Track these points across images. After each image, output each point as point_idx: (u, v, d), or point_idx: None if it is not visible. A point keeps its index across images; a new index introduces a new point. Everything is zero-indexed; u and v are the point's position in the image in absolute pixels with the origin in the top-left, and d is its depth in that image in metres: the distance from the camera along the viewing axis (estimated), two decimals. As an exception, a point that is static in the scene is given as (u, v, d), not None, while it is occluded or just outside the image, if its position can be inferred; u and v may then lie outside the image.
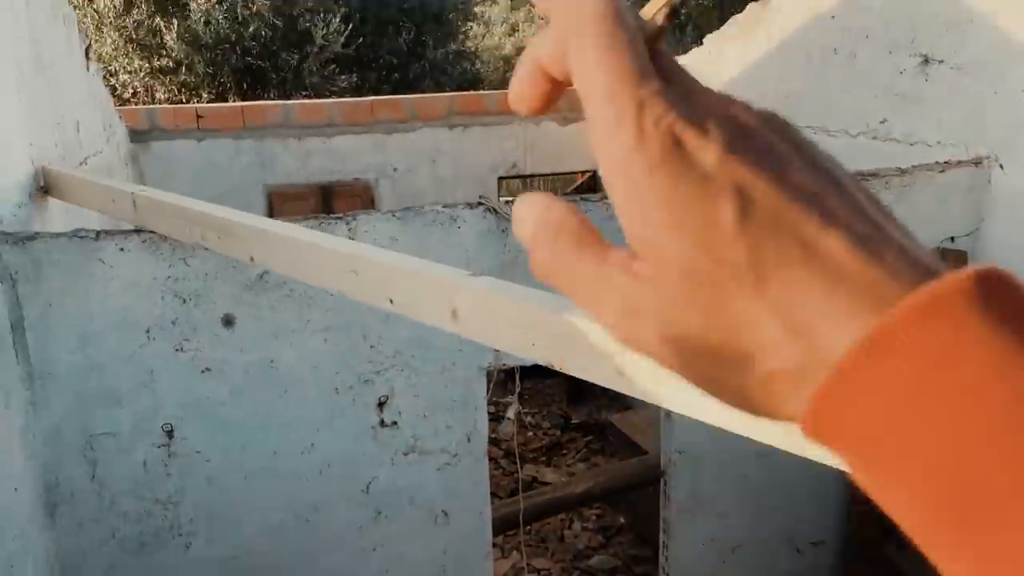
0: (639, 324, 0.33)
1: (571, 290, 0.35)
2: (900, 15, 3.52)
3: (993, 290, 0.27)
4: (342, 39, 8.41)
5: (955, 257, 3.19)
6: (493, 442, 4.95)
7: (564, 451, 5.84)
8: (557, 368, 1.55)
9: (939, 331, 0.27)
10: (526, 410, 6.09)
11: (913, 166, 3.14)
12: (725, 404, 0.33)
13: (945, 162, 3.17)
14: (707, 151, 0.31)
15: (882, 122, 3.61)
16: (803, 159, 0.32)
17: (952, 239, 3.20)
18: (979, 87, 3.17)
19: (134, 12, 7.77)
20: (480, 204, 2.90)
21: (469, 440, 3.08)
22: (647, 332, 0.33)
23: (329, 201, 6.59)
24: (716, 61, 4.87)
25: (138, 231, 2.59)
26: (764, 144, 0.32)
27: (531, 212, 0.37)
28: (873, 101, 3.67)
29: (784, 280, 0.29)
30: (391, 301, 1.84)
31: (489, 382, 3.23)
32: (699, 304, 0.31)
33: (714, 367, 0.32)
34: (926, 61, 3.37)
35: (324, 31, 8.33)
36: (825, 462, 1.17)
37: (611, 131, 0.32)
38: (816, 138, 3.08)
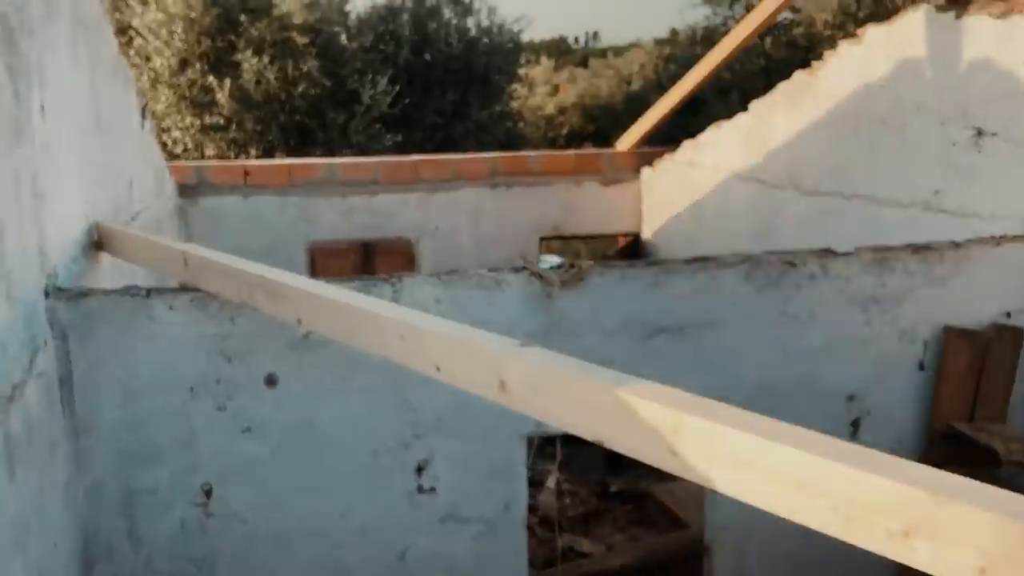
0: None
1: None
2: (952, 87, 3.49)
3: None
4: (388, 99, 8.59)
5: (1012, 333, 3.11)
6: (529, 509, 4.86)
7: (602, 521, 5.70)
8: (607, 447, 1.51)
9: None
10: (563, 477, 5.98)
11: (968, 240, 3.07)
12: None
13: (1001, 236, 3.10)
14: None
15: (935, 194, 3.56)
16: None
17: (1008, 315, 3.12)
18: (1035, 160, 3.12)
19: (188, 71, 8.03)
20: (525, 268, 2.89)
21: (507, 508, 3.02)
22: None
23: (371, 257, 6.65)
24: (762, 128, 4.87)
25: (187, 290, 2.62)
26: None
27: None
28: (925, 173, 3.62)
29: None
30: (438, 368, 1.82)
31: (529, 449, 3.18)
32: None
33: None
34: (979, 133, 3.32)
35: (371, 91, 8.51)
36: (871, 548, 1.11)
37: None
38: (867, 209, 3.05)
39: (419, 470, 2.90)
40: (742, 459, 1.27)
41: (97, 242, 3.10)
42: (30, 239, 2.33)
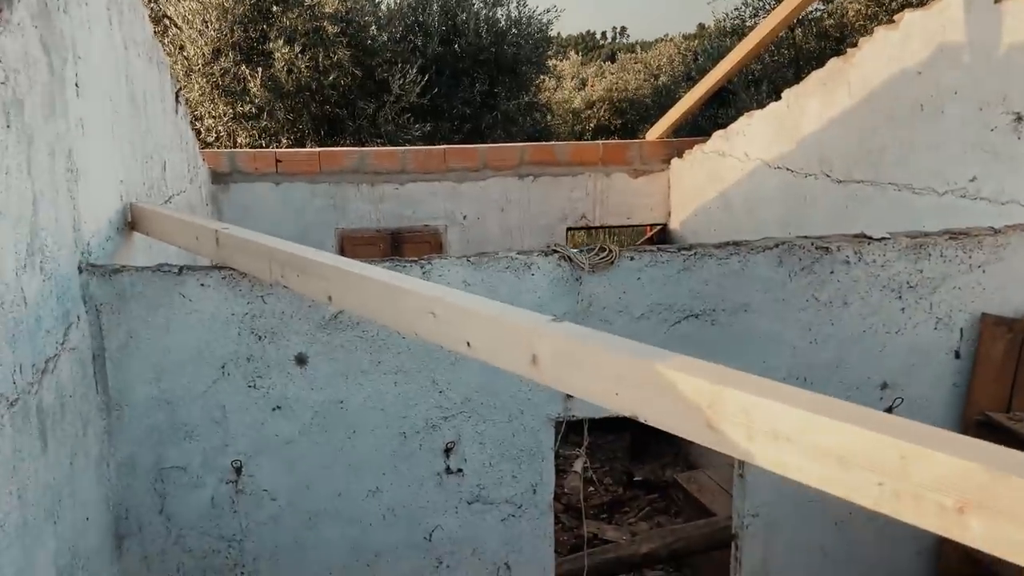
0: None
1: None
2: (991, 71, 3.42)
3: None
4: (417, 89, 8.60)
5: (1051, 322, 3.04)
6: (555, 495, 4.86)
7: (626, 508, 5.69)
8: (642, 420, 1.49)
9: None
10: (587, 464, 5.97)
11: (1007, 226, 3.01)
12: None
13: (1041, 223, 3.04)
14: None
15: (972, 180, 3.49)
16: None
17: (1048, 303, 3.05)
18: (1078, 146, 3.04)
19: (221, 60, 8.08)
20: (555, 251, 2.87)
21: (535, 492, 3.01)
22: None
23: (399, 246, 6.67)
24: (796, 115, 4.80)
25: (219, 267, 2.63)
26: None
27: None
28: (962, 159, 3.55)
29: None
30: (468, 344, 1.81)
31: (557, 433, 3.17)
32: None
33: None
34: (1019, 119, 3.25)
35: (401, 81, 8.52)
36: (922, 524, 1.07)
37: None
38: (900, 196, 2.98)
39: (447, 451, 2.90)
40: (782, 433, 1.25)
41: (131, 222, 3.12)
42: (64, 214, 2.36)
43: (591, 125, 15.60)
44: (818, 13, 9.81)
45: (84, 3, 2.72)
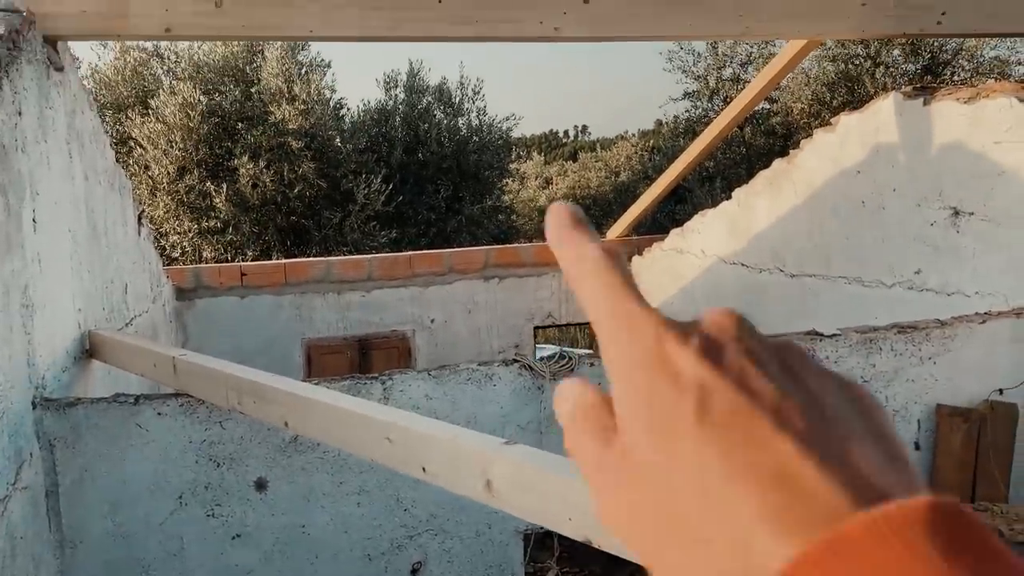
0: (612, 501, 0.35)
1: (580, 465, 0.38)
2: (926, 169, 3.58)
3: (947, 522, 0.27)
4: (383, 198, 8.74)
5: (1006, 410, 3.09)
6: (532, 605, 4.73)
7: (606, 615, 5.54)
8: (595, 545, 1.49)
9: (883, 555, 0.27)
10: (565, 569, 5.84)
11: (953, 317, 3.09)
12: None
13: (986, 313, 3.12)
14: (682, 352, 0.34)
15: (916, 273, 3.60)
16: (785, 375, 0.34)
17: (1001, 391, 3.11)
18: (1014, 238, 3.16)
19: (186, 178, 8.19)
20: (515, 361, 2.90)
21: (506, 609, 2.95)
22: (616, 509, 0.35)
23: (367, 353, 6.66)
24: (747, 213, 4.95)
25: (176, 395, 2.62)
26: (739, 350, 0.34)
27: (570, 394, 0.40)
28: (906, 252, 3.67)
29: (729, 476, 0.30)
30: (424, 470, 1.81)
31: (527, 544, 3.12)
32: (655, 492, 0.33)
33: (663, 557, 0.33)
34: (956, 213, 3.39)
35: (366, 190, 8.67)
36: None
37: (611, 339, 0.36)
38: (851, 289, 3.06)
39: (414, 572, 2.84)
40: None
41: (89, 350, 3.11)
42: (18, 351, 2.35)
43: (556, 223, 15.81)
44: (765, 111, 10.22)
45: (43, 140, 2.78)
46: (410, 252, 7.08)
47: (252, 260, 8.18)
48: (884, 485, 0.30)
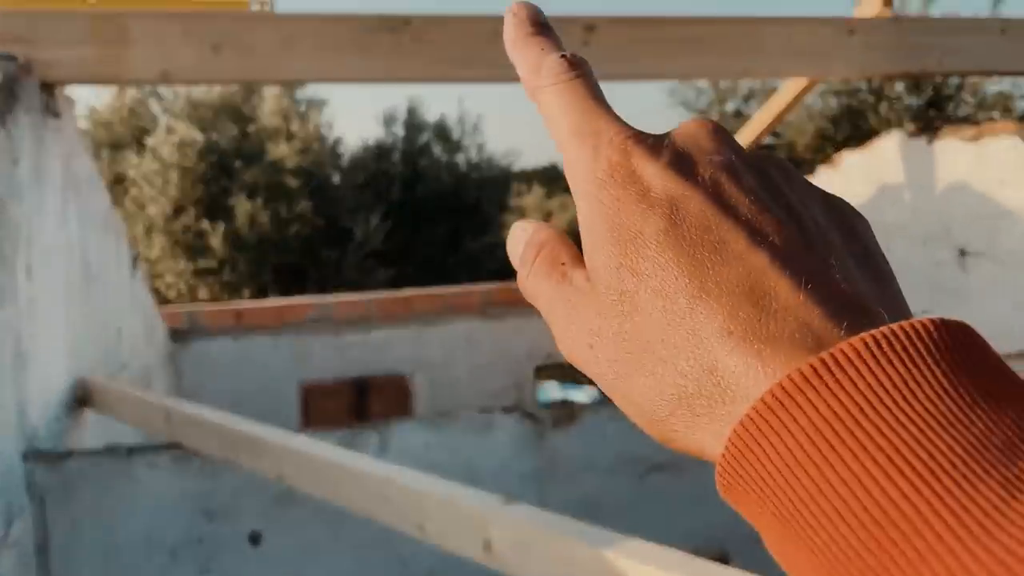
0: (573, 332, 0.33)
1: (538, 305, 0.36)
2: (931, 208, 3.55)
3: (957, 341, 0.25)
4: (381, 235, 8.73)
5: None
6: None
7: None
8: (602, 613, 1.43)
9: (882, 377, 0.24)
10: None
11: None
12: (637, 423, 0.32)
13: (994, 355, 3.08)
14: (651, 166, 0.31)
15: (923, 313, 3.56)
16: (763, 188, 0.31)
17: (1012, 434, 3.05)
18: (1021, 278, 3.12)
19: (183, 217, 8.18)
20: (516, 409, 2.84)
21: (508, 665, 2.85)
22: (577, 341, 0.33)
23: (364, 395, 6.58)
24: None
25: (169, 446, 2.55)
26: (714, 162, 0.31)
27: (523, 234, 0.38)
28: (912, 292, 3.62)
29: (696, 294, 0.28)
30: (422, 528, 1.75)
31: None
32: (619, 316, 0.31)
33: (628, 383, 0.31)
34: (963, 253, 3.35)
35: (364, 228, 8.66)
36: None
37: (575, 157, 0.33)
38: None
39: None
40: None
41: (81, 398, 3.05)
42: (9, 402, 2.29)
43: (557, 257, 15.86)
44: (769, 145, 10.26)
45: (38, 187, 2.75)
46: (409, 291, 7.04)
47: (248, 299, 8.13)
48: (869, 304, 0.28)
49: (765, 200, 0.30)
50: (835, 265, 0.29)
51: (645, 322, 0.29)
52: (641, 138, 0.32)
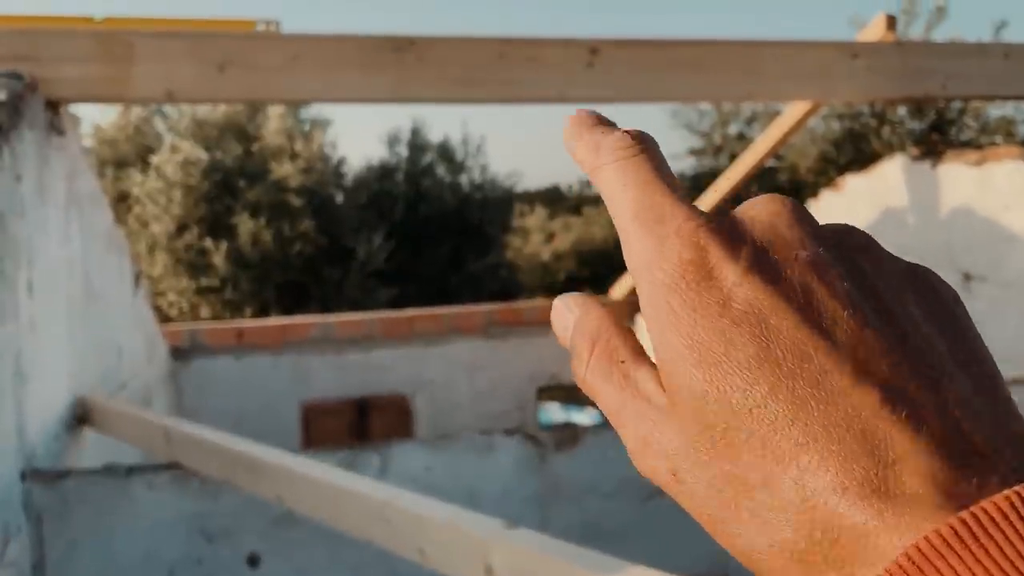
0: (652, 454, 0.29)
1: (601, 406, 0.32)
2: (935, 232, 3.54)
3: None
4: (384, 255, 8.73)
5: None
6: None
7: None
8: (604, 642, 1.41)
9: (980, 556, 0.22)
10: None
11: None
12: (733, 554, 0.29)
13: (1000, 380, 3.06)
14: (730, 269, 0.27)
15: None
16: (856, 287, 0.28)
17: (1018, 460, 3.03)
18: (1025, 303, 3.11)
19: (185, 235, 8.18)
20: (518, 431, 2.82)
21: None
22: (659, 465, 0.29)
23: (365, 415, 6.55)
24: (750, 274, 4.91)
25: (168, 467, 2.53)
26: (801, 261, 0.28)
27: (570, 316, 0.34)
28: (916, 316, 3.61)
29: (803, 441, 0.25)
30: (422, 552, 1.73)
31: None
32: (708, 451, 0.27)
33: (723, 524, 0.28)
34: (967, 278, 3.34)
35: (367, 247, 8.66)
36: None
37: (638, 246, 0.30)
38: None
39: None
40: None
41: (80, 416, 3.03)
42: (8, 421, 2.28)
43: (561, 277, 15.87)
44: (772, 168, 10.28)
45: (41, 205, 2.75)
46: (410, 311, 7.03)
47: (250, 318, 8.12)
48: (991, 441, 0.25)
49: (862, 308, 0.27)
50: (949, 389, 0.26)
51: (741, 462, 0.26)
52: (714, 229, 0.28)
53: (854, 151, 9.15)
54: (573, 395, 10.45)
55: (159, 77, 3.08)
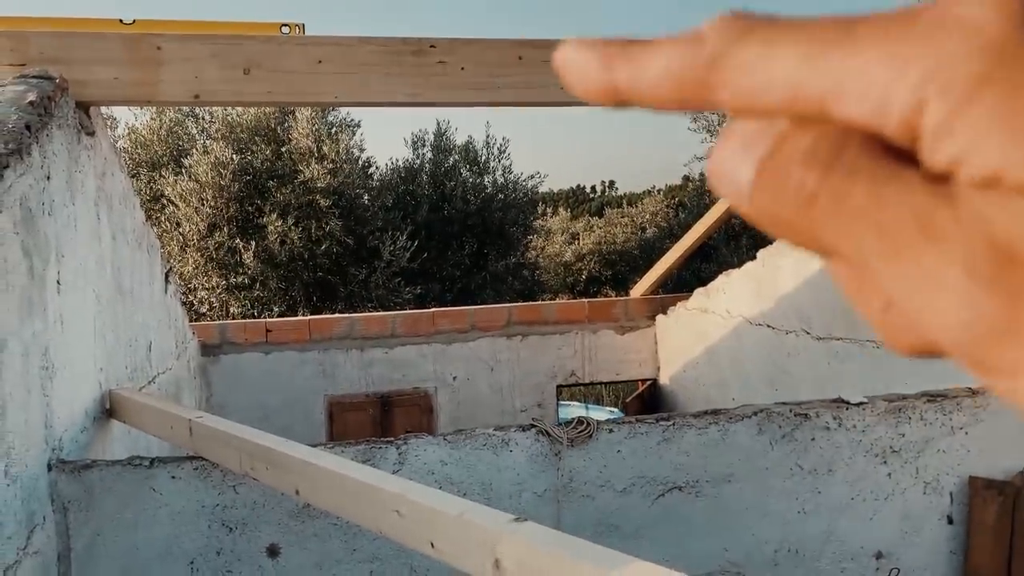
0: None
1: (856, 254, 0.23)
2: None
3: None
4: (408, 254, 8.80)
5: (1042, 482, 2.98)
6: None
7: None
8: (604, 631, 1.44)
9: None
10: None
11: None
12: None
13: (1018, 381, 3.03)
14: None
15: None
16: None
17: (1036, 462, 3.00)
18: None
19: (216, 234, 8.32)
20: (532, 426, 2.85)
21: None
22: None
23: (388, 410, 6.63)
24: (771, 274, 4.90)
25: (191, 458, 2.60)
26: None
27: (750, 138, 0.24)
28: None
29: None
30: (432, 545, 1.77)
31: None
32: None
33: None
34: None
35: (391, 247, 8.74)
36: None
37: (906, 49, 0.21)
38: (879, 352, 2.96)
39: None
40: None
41: (109, 409, 3.12)
42: (36, 414, 2.35)
43: (583, 277, 15.90)
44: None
45: (71, 203, 2.83)
46: (433, 309, 7.09)
47: (278, 316, 8.24)
48: None
49: None
50: None
51: None
52: None
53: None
54: (593, 393, 10.45)
55: (186, 80, 3.16)
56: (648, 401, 6.96)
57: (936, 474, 2.96)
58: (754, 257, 5.24)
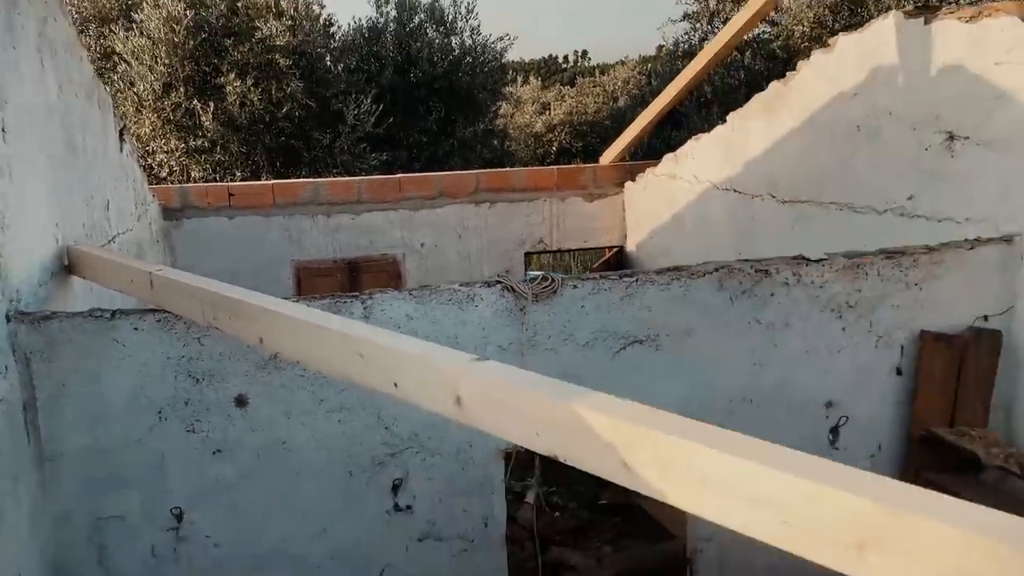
0: None
1: None
2: (923, 92, 3.49)
3: None
4: (372, 119, 8.59)
5: (990, 337, 3.09)
6: (518, 523, 4.82)
7: (592, 533, 5.65)
8: (562, 460, 1.48)
9: None
10: (552, 490, 5.94)
11: (942, 244, 3.06)
12: None
13: (975, 239, 3.09)
14: None
15: (909, 199, 3.55)
16: None
17: (986, 318, 3.10)
18: (1008, 163, 3.10)
19: (172, 95, 8.02)
20: (498, 282, 2.86)
21: (486, 525, 2.99)
22: None
23: (356, 276, 6.63)
24: (741, 138, 4.86)
25: (153, 311, 2.59)
26: None
27: None
28: (899, 178, 3.61)
29: None
30: (396, 385, 1.79)
31: (508, 463, 3.14)
32: None
33: None
34: (951, 138, 3.32)
35: (356, 111, 8.51)
36: (825, 562, 1.08)
37: None
38: (842, 215, 3.01)
39: (395, 489, 2.87)
40: (693, 473, 1.24)
41: (68, 265, 3.07)
42: (-10, 263, 2.30)
43: (553, 148, 15.72)
44: (766, 35, 9.99)
45: (11, 47, 2.68)
46: (400, 175, 6.99)
47: (241, 181, 8.07)
48: None
49: None
50: None
51: None
52: None
53: (850, 15, 8.86)
54: (562, 261, 10.52)
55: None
56: (615, 268, 7.03)
57: (888, 328, 3.04)
58: (725, 121, 5.18)
